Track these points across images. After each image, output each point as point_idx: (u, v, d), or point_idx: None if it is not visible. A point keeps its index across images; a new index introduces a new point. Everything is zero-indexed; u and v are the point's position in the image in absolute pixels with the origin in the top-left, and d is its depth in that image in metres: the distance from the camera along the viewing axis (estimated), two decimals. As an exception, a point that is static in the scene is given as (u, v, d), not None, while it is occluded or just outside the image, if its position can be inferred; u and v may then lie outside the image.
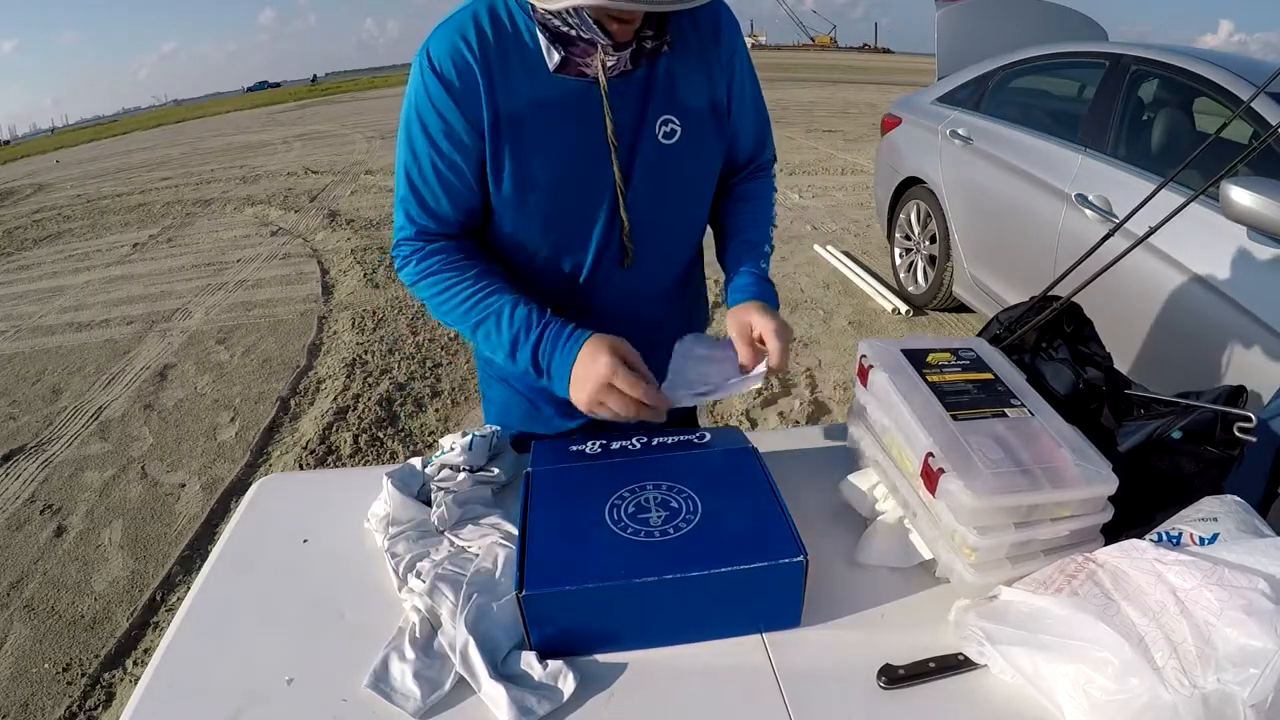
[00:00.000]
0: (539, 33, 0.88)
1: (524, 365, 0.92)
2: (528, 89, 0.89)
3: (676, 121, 0.96)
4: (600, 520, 0.79)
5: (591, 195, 0.96)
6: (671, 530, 0.77)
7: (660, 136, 0.96)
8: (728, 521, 0.78)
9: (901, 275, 4.07)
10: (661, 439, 0.93)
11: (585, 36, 0.86)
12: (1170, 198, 1.08)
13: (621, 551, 0.74)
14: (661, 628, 0.75)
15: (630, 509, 0.80)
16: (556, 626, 0.73)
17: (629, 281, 1.04)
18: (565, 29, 0.86)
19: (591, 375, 0.87)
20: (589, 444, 0.92)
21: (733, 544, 0.75)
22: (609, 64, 0.89)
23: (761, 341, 0.93)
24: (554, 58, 0.88)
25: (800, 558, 0.73)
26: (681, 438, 0.94)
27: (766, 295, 1.00)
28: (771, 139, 1.12)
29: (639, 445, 0.92)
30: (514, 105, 0.89)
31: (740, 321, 0.96)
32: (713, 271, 1.14)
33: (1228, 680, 0.57)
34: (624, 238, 0.99)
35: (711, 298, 3.66)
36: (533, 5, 0.85)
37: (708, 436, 0.94)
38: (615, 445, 0.92)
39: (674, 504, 0.80)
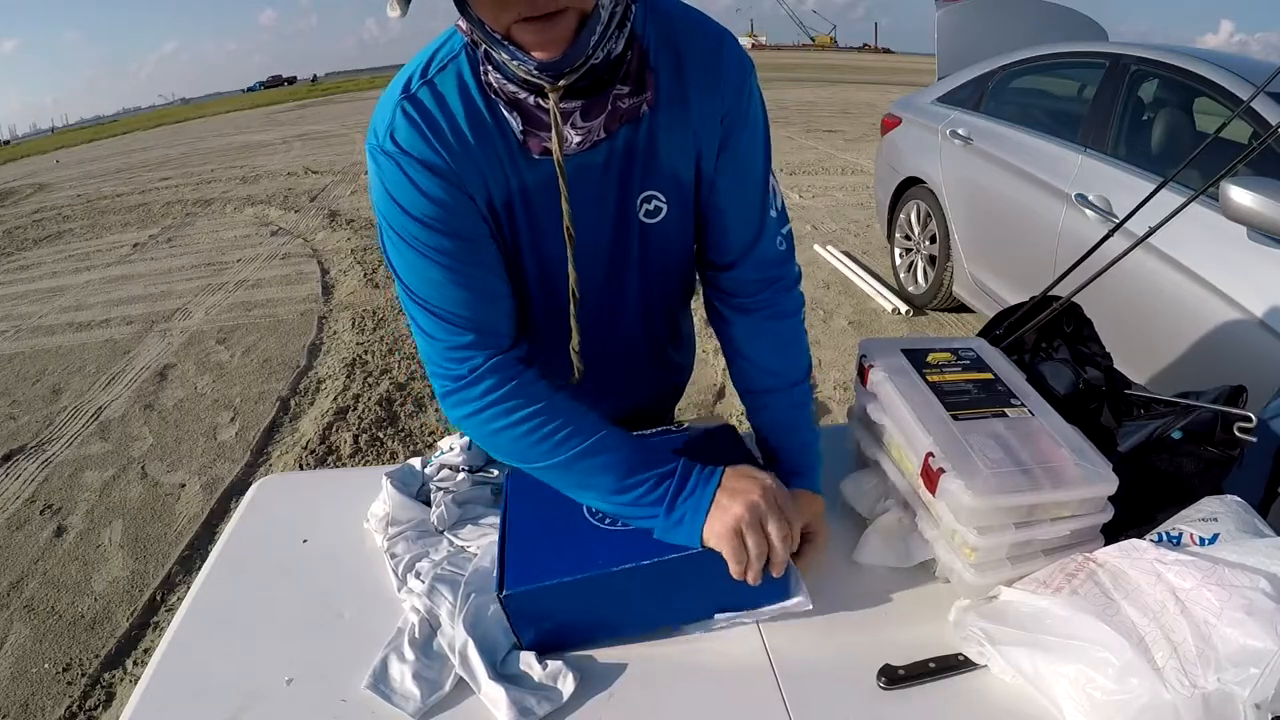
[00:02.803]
0: (495, 100, 0.71)
1: (635, 496, 0.74)
2: (510, 173, 0.74)
3: (661, 197, 0.80)
4: (578, 513, 0.79)
5: (566, 293, 0.81)
6: None
7: (642, 215, 0.80)
8: None
9: (901, 275, 4.07)
10: (640, 431, 0.92)
11: (530, 96, 0.70)
12: (1170, 198, 1.08)
13: (601, 542, 0.75)
14: (647, 614, 0.75)
15: None
16: (542, 622, 0.73)
17: (607, 371, 0.91)
18: (515, 91, 0.70)
19: (752, 488, 0.72)
20: None
21: None
22: (575, 139, 0.72)
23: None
24: (518, 126, 0.72)
25: None
26: (660, 429, 0.93)
27: (807, 479, 0.85)
28: (775, 210, 0.86)
29: None
30: (500, 196, 0.75)
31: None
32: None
33: (1228, 680, 0.57)
34: (571, 350, 0.82)
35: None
36: (485, 70, 0.70)
37: (686, 424, 0.94)
38: None
39: None
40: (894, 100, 4.36)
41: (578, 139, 0.72)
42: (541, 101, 0.70)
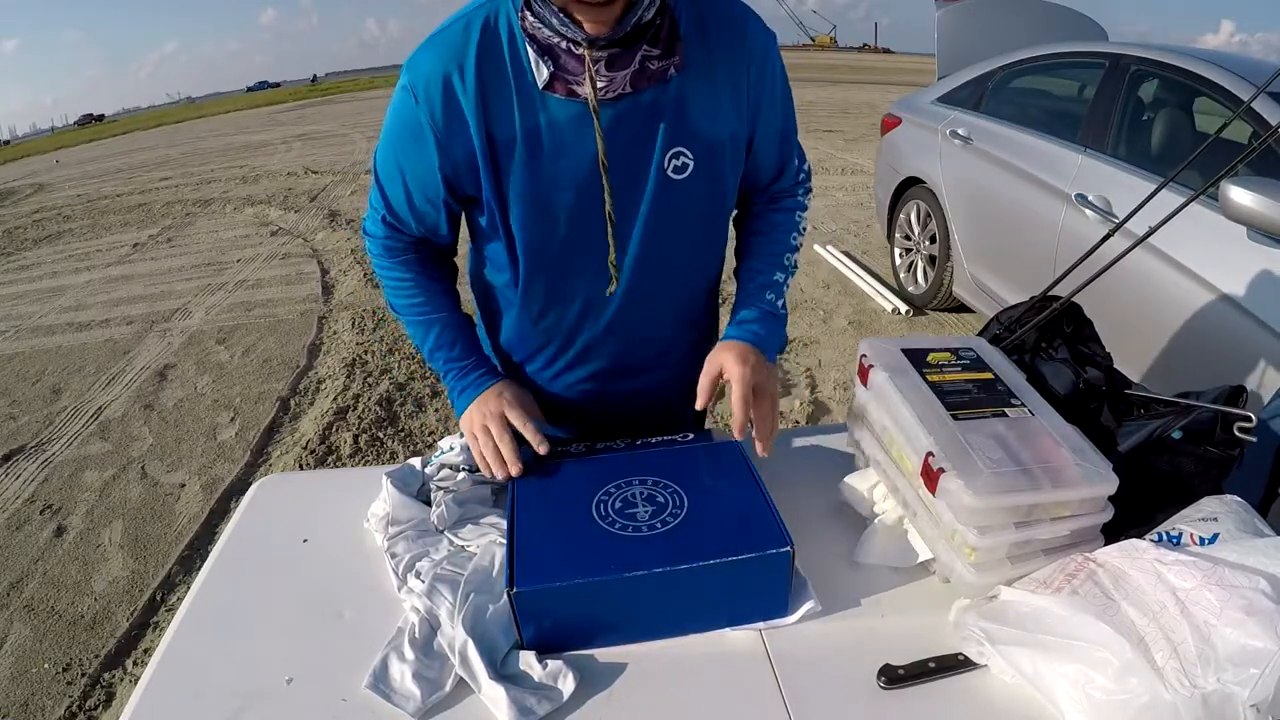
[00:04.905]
0: (527, 46, 0.80)
1: (437, 371, 0.99)
2: (520, 114, 0.82)
3: (689, 154, 0.87)
4: (588, 516, 0.79)
5: (584, 230, 0.89)
6: (659, 525, 0.77)
7: (670, 171, 0.87)
8: (714, 515, 0.79)
9: (901, 275, 4.07)
10: (646, 439, 0.94)
11: (564, 42, 0.79)
12: (1170, 198, 1.08)
13: (610, 546, 0.75)
14: (651, 621, 0.75)
15: (617, 504, 0.80)
16: (547, 622, 0.73)
17: (628, 323, 0.98)
18: (549, 37, 0.79)
19: (489, 407, 0.92)
20: (574, 445, 0.93)
21: (719, 537, 0.75)
22: (599, 85, 0.80)
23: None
24: (543, 73, 0.80)
25: (786, 548, 0.73)
26: (665, 436, 0.94)
27: (762, 336, 0.94)
28: (797, 157, 1.02)
29: (623, 445, 0.93)
30: (505, 134, 0.83)
31: (712, 360, 0.92)
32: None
33: (1228, 680, 0.57)
34: (610, 264, 0.92)
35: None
36: (522, 15, 0.80)
37: (691, 435, 0.95)
38: (600, 445, 0.93)
39: (660, 499, 0.81)
40: (894, 100, 4.36)
41: (600, 85, 0.81)
42: (574, 48, 0.79)
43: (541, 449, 0.89)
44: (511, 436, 0.89)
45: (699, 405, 0.91)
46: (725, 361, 0.90)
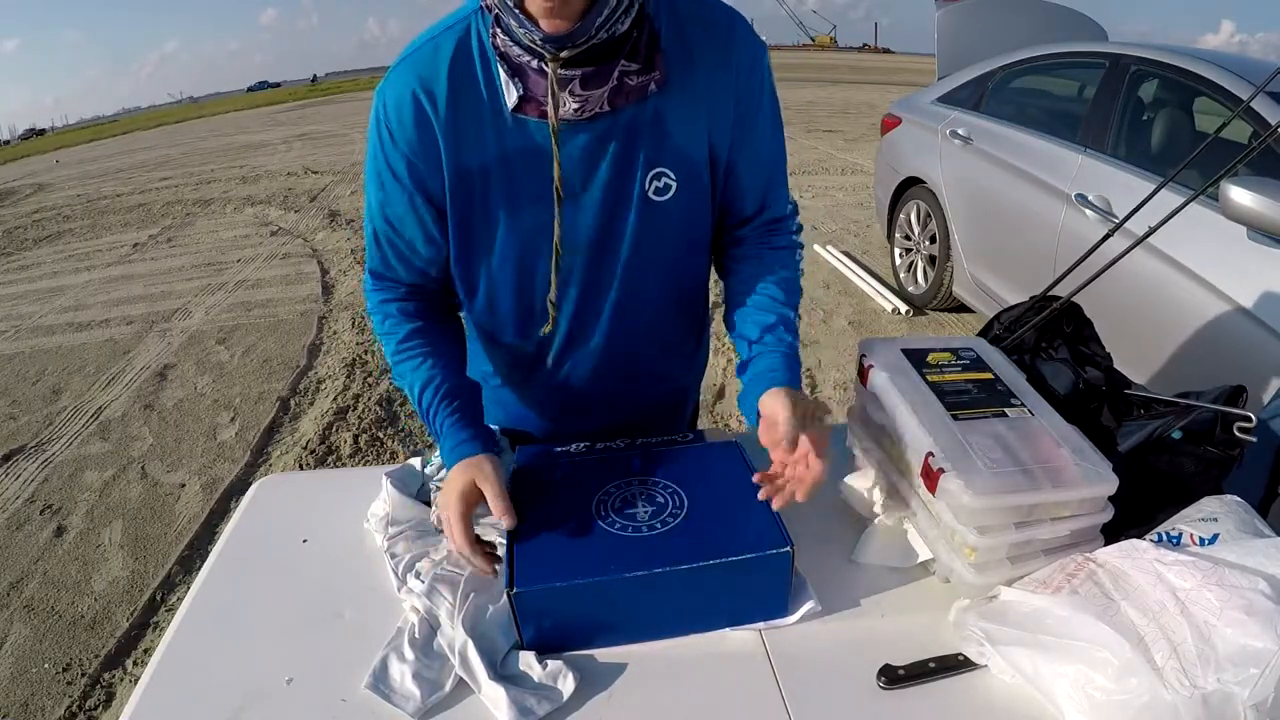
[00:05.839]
0: (498, 66, 0.76)
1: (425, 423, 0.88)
2: (491, 138, 0.79)
3: (671, 175, 0.82)
4: (588, 516, 0.79)
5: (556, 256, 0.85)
6: (659, 525, 0.77)
7: (651, 193, 0.82)
8: (713, 515, 0.79)
9: (901, 275, 4.07)
10: (646, 439, 0.94)
11: (533, 60, 0.74)
12: (1170, 198, 1.08)
13: (610, 546, 0.75)
14: (651, 621, 0.75)
15: (617, 504, 0.80)
16: (547, 622, 0.73)
17: (614, 352, 0.94)
18: (519, 56, 0.75)
19: (448, 493, 0.79)
20: (574, 445, 0.93)
21: (719, 537, 0.75)
22: (573, 105, 0.75)
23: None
24: (512, 95, 0.76)
25: (786, 548, 0.73)
26: (665, 437, 0.94)
27: (790, 377, 0.83)
28: (784, 190, 0.93)
29: (623, 445, 0.93)
30: (476, 159, 0.79)
31: (767, 415, 0.79)
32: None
33: (1228, 680, 0.57)
34: (548, 302, 0.87)
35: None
36: (494, 33, 0.76)
37: (690, 435, 0.94)
38: (600, 445, 0.93)
39: (660, 499, 0.81)
40: (894, 100, 4.36)
41: (575, 106, 0.76)
42: (544, 67, 0.74)
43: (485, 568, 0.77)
44: (466, 527, 0.77)
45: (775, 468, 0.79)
46: (775, 408, 0.79)
